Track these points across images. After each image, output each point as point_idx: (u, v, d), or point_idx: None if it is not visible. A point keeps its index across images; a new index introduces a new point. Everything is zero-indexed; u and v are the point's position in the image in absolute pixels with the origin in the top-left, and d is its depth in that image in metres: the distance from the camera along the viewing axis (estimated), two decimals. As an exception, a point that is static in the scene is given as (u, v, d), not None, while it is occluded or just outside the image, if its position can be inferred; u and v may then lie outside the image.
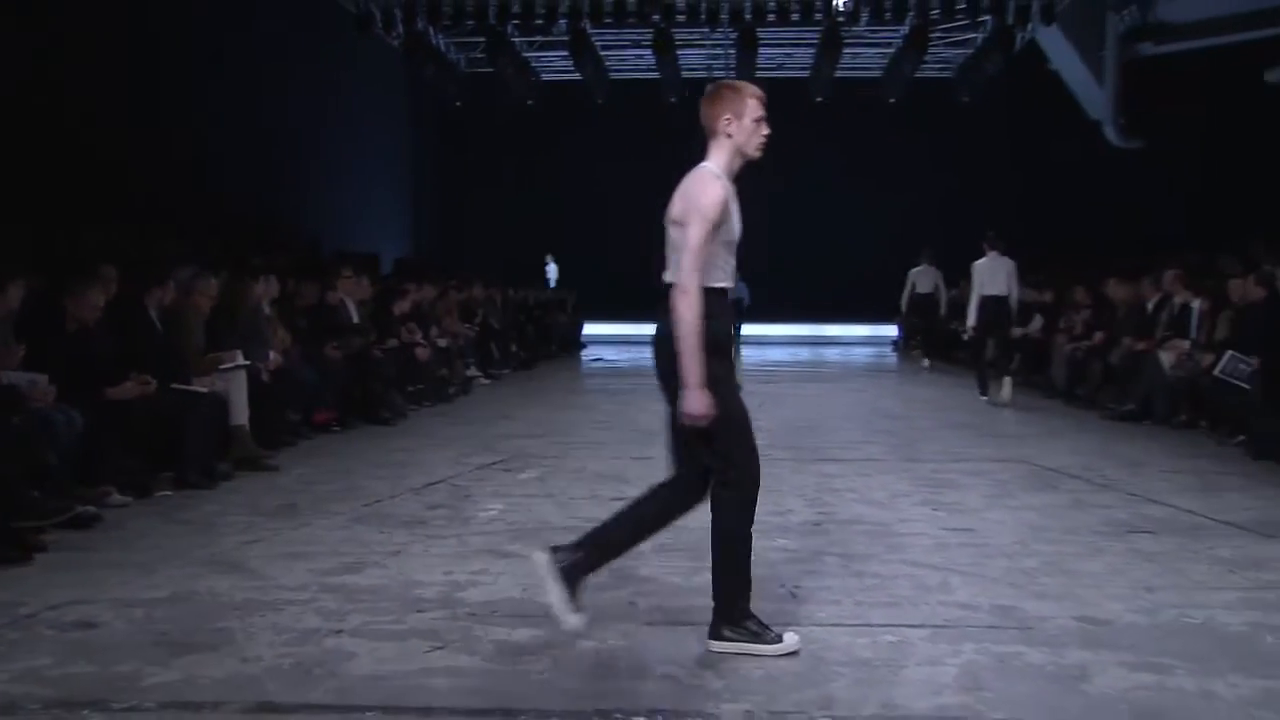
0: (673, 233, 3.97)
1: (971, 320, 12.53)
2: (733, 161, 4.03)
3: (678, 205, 3.96)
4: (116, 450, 6.69)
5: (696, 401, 3.80)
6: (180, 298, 8.08)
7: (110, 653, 3.96)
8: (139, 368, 6.97)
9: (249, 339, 8.48)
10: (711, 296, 3.88)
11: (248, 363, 8.15)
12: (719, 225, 3.89)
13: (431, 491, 7.09)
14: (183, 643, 4.07)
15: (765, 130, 4.05)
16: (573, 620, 3.90)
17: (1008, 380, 12.09)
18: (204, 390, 7.47)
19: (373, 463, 8.21)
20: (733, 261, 4.02)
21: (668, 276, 3.97)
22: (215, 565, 5.19)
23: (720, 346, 3.93)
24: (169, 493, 6.84)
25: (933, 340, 17.95)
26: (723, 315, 3.96)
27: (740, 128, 4.00)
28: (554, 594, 3.88)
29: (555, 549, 3.95)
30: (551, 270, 21.42)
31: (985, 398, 12.37)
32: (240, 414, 7.90)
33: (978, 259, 12.37)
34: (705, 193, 3.89)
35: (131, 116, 12.52)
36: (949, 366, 16.85)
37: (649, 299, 4.09)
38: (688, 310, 3.80)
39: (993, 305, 12.27)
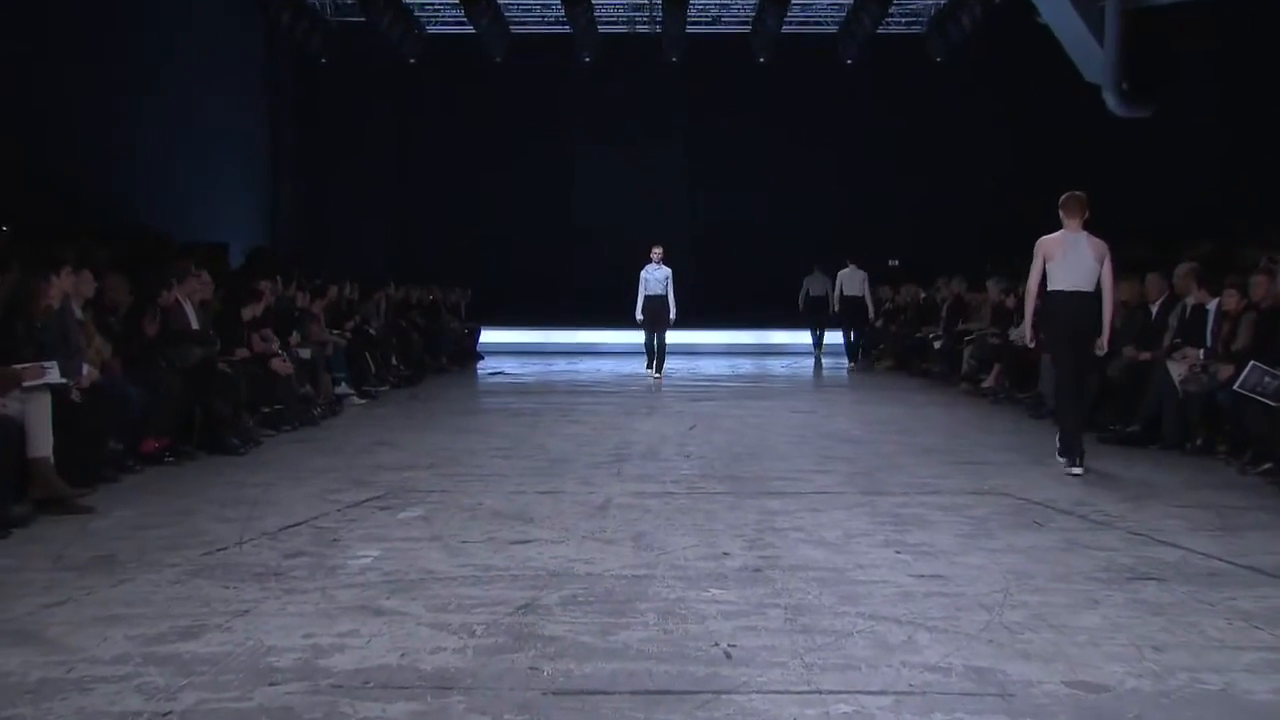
0: (1097, 266, 9.30)
1: (835, 310, 21.04)
2: None
3: (1100, 251, 9.28)
4: None
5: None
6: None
7: None
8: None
9: (54, 348, 8.18)
10: None
11: (63, 380, 7.92)
12: None
13: (290, 536, 7.00)
14: (-46, 740, 3.94)
15: None
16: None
17: (859, 360, 20.80)
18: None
19: (216, 501, 8.07)
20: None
21: (1089, 286, 9.32)
22: (2, 636, 5.04)
23: None
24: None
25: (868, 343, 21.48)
26: None
27: None
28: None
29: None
30: None
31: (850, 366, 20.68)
32: (42, 444, 7.57)
33: (841, 269, 20.57)
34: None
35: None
36: (913, 378, 18.20)
37: (556, 300, 4.11)
38: (1111, 303, 9.48)
39: (851, 303, 20.64)
